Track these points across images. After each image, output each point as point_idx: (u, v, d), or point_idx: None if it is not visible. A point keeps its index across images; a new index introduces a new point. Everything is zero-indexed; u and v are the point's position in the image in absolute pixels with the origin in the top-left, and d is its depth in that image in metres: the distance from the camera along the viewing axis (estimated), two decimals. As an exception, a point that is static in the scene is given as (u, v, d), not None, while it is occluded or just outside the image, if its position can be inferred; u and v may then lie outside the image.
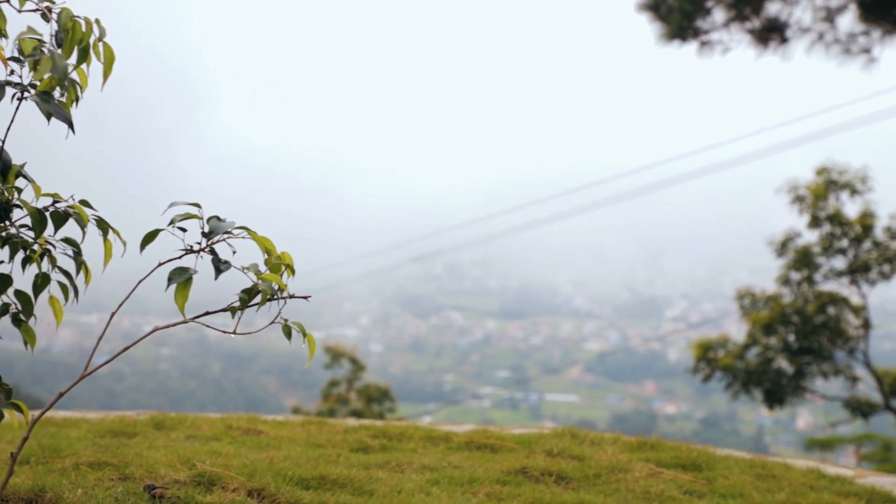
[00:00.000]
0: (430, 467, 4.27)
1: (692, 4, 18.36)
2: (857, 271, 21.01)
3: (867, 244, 21.05)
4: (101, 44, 3.14)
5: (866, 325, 21.17)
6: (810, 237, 21.31)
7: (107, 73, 3.17)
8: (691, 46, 19.32)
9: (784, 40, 18.96)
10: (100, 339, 3.39)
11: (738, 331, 22.12)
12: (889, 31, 18.19)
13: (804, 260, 21.08)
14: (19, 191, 3.19)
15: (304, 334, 3.13)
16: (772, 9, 18.78)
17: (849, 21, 18.75)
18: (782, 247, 21.36)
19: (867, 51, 18.74)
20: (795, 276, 21.23)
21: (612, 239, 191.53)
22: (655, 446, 4.79)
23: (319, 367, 27.92)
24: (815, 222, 21.05)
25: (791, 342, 20.95)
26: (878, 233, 21.03)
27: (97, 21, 3.13)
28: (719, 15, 18.85)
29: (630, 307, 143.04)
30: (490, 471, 4.19)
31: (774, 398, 21.20)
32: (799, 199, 21.08)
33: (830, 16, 18.63)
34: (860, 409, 21.37)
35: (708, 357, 21.50)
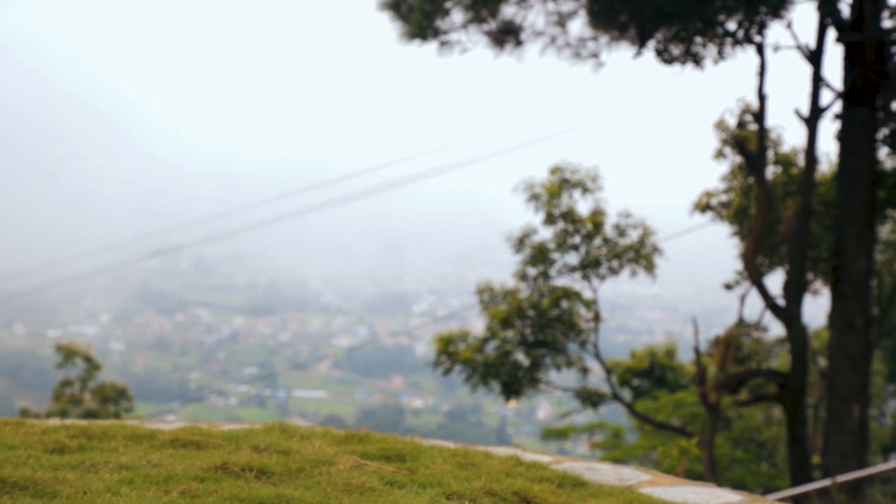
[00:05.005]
0: (126, 466, 4.10)
1: (431, 5, 18.64)
2: (589, 267, 21.81)
3: (598, 241, 21.87)
4: None
5: (597, 318, 22.01)
6: (546, 234, 21.94)
7: None
8: (432, 46, 19.65)
9: (519, 42, 19.56)
10: None
11: (482, 325, 22.56)
12: (616, 38, 19.09)
13: (540, 256, 21.69)
14: None
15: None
16: (507, 12, 19.33)
17: (579, 26, 19.57)
18: (520, 243, 21.88)
19: (596, 55, 19.63)
20: (532, 271, 21.81)
21: (357, 233, 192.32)
22: (363, 439, 4.81)
23: (55, 368, 26.65)
24: (549, 219, 21.68)
25: (527, 335, 21.51)
26: (608, 230, 21.89)
27: None
28: (458, 16, 19.24)
29: (379, 302, 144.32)
30: (190, 468, 4.08)
31: (511, 390, 21.73)
32: (535, 197, 21.66)
33: (562, 21, 19.36)
34: (590, 399, 22.22)
35: (449, 351, 21.79)
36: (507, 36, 19.37)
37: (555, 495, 3.94)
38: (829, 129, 58.62)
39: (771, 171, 22.55)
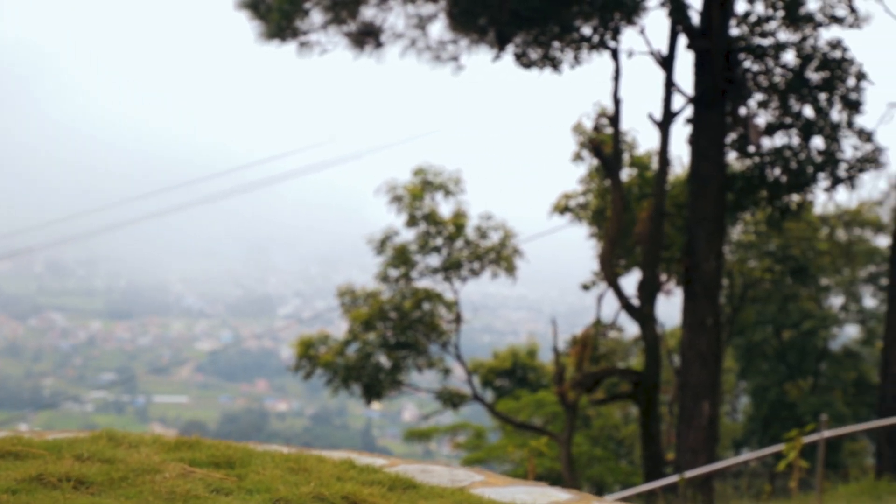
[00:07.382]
0: (-67, 481, 3.89)
1: (290, 5, 18.46)
2: (451, 268, 21.89)
3: (459, 242, 21.97)
4: None
5: (458, 319, 22.12)
6: (408, 235, 21.95)
7: None
8: (291, 46, 19.44)
9: (379, 44, 19.53)
10: None
11: (346, 327, 22.43)
12: (476, 41, 19.23)
13: (402, 257, 21.69)
14: None
15: None
16: (367, 14, 19.28)
17: (439, 29, 19.64)
18: (382, 245, 21.84)
19: (456, 58, 19.75)
20: (394, 273, 21.80)
21: (221, 234, 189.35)
22: (193, 446, 4.68)
23: None
24: (412, 221, 21.71)
25: (389, 337, 21.49)
26: (470, 232, 22.01)
27: None
28: (317, 17, 19.09)
29: (243, 305, 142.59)
30: (3, 479, 3.88)
31: (372, 392, 21.67)
32: (397, 199, 21.65)
33: (422, 23, 19.40)
34: (451, 400, 22.33)
35: (309, 354, 21.63)
36: (366, 37, 19.32)
37: (385, 498, 3.91)
38: (681, 132, 60.40)
39: (626, 174, 23.02)
